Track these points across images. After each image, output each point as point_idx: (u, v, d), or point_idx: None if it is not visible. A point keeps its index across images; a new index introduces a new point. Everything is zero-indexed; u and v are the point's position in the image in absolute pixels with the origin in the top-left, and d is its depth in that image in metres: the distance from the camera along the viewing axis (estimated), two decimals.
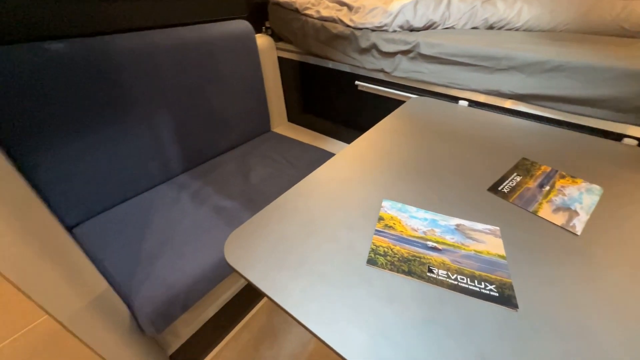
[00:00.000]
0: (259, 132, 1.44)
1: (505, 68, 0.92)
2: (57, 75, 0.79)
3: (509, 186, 0.62)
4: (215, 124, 1.24)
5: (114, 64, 0.89)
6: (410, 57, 1.08)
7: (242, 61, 1.26)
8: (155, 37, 0.99)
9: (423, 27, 1.12)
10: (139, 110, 0.98)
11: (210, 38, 1.13)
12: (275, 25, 1.44)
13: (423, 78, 1.08)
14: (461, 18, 1.09)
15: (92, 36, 0.88)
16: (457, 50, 0.98)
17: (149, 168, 1.06)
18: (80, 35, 0.86)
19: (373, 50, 1.16)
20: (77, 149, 0.87)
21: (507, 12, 1.07)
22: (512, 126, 0.87)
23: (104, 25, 0.92)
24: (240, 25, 1.24)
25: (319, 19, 1.27)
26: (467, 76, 0.99)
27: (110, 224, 0.93)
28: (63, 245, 0.62)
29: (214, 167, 1.21)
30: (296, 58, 1.43)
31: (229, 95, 1.25)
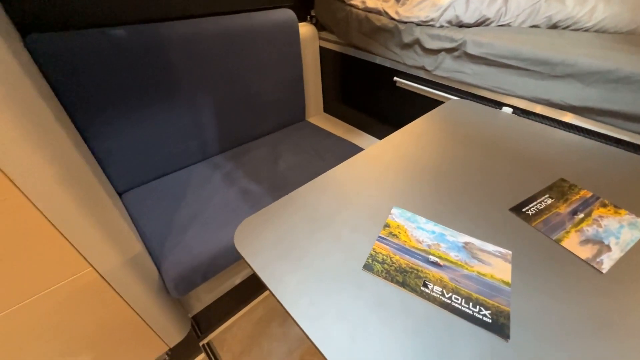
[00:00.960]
0: (293, 120, 1.48)
1: (561, 75, 0.83)
2: (117, 58, 0.89)
3: (536, 208, 0.58)
4: (252, 110, 1.29)
5: (165, 50, 0.97)
6: (454, 55, 1.02)
7: (283, 50, 1.28)
8: (203, 25, 1.05)
9: (474, 23, 1.03)
10: (184, 93, 1.06)
11: (254, 27, 1.17)
12: (320, 14, 1.43)
13: (466, 79, 1.02)
14: (520, 15, 0.99)
15: (147, 23, 0.96)
16: (507, 52, 0.90)
17: (190, 147, 1.16)
18: (138, 22, 0.95)
19: (416, 46, 1.10)
20: (130, 125, 0.98)
21: (576, 10, 0.94)
22: (558, 140, 0.79)
23: (159, 13, 1.00)
24: (285, 15, 1.26)
25: (363, 10, 1.23)
26: (515, 81, 0.91)
27: (152, 193, 1.05)
28: (112, 207, 0.72)
29: (247, 151, 1.27)
30: (337, 49, 1.42)
31: (268, 83, 1.29)
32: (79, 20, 0.87)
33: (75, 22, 0.87)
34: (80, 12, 0.87)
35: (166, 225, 0.93)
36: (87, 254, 0.60)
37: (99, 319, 0.70)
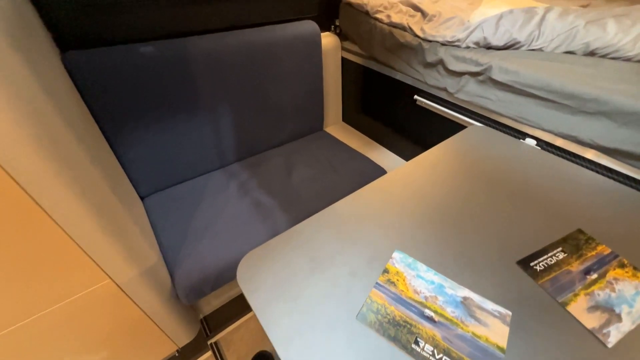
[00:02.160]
0: (311, 130, 1.49)
1: (592, 112, 0.78)
2: (144, 73, 0.94)
3: (545, 263, 0.55)
4: (271, 119, 1.31)
5: (189, 64, 1.01)
6: (479, 79, 0.98)
7: (304, 62, 1.29)
8: (226, 39, 1.08)
9: (503, 46, 0.98)
10: (205, 103, 1.10)
11: (276, 40, 1.18)
12: (344, 25, 1.42)
13: (489, 106, 0.98)
14: (554, 40, 0.93)
15: (173, 38, 1.00)
16: (535, 82, 0.85)
17: (208, 155, 1.20)
18: (165, 37, 0.99)
19: (439, 66, 1.07)
20: (154, 133, 1.03)
21: (618, 37, 0.87)
22: (581, 182, 0.75)
23: (184, 28, 1.04)
24: (308, 27, 1.26)
25: (388, 25, 1.21)
26: (542, 112, 0.87)
27: (171, 199, 1.10)
28: (130, 220, 0.77)
29: (263, 161, 1.30)
30: (359, 62, 1.40)
31: (287, 93, 1.31)
32: (112, 36, 0.92)
33: (108, 39, 0.92)
34: (113, 29, 0.92)
35: (181, 234, 0.97)
36: (106, 267, 0.65)
37: (113, 322, 0.76)
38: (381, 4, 1.25)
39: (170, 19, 1.01)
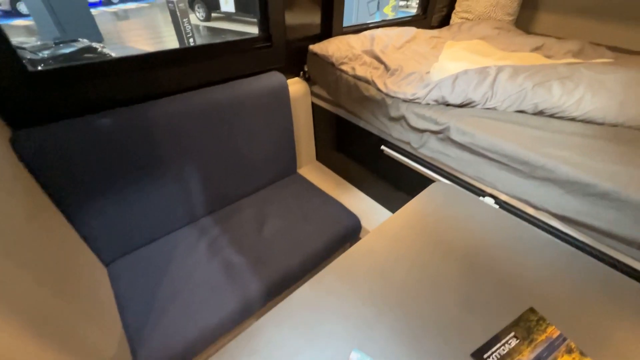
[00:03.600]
0: (284, 174, 1.49)
1: (541, 178, 0.82)
2: (103, 144, 0.91)
3: (498, 354, 0.57)
4: (241, 170, 1.30)
5: (152, 128, 0.99)
6: (439, 137, 1.02)
7: (273, 113, 1.30)
8: (189, 100, 1.07)
9: (460, 104, 1.03)
10: (171, 165, 1.08)
11: (242, 95, 1.18)
12: (312, 72, 1.44)
13: (450, 163, 1.01)
14: (505, 100, 0.98)
15: (134, 104, 0.98)
16: (490, 146, 0.89)
17: (176, 213, 1.17)
18: (124, 104, 0.97)
19: (402, 121, 1.11)
20: (116, 202, 1.00)
21: (563, 99, 0.93)
22: (537, 248, 0.78)
23: (144, 93, 1.02)
24: (274, 79, 1.27)
25: (353, 77, 1.24)
26: (498, 174, 0.91)
27: (138, 264, 1.07)
28: (93, 299, 0.73)
29: (235, 212, 1.28)
30: (329, 108, 1.42)
31: (257, 143, 1.30)
32: (66, 109, 0.90)
33: (61, 112, 0.89)
34: (67, 101, 0.90)
35: (147, 305, 0.94)
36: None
37: None
38: (346, 55, 1.28)
39: (130, 85, 0.99)
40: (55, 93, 0.87)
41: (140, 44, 7.55)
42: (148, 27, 9.17)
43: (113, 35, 8.08)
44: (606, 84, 0.92)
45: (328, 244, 1.18)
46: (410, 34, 1.55)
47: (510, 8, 1.88)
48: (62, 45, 4.42)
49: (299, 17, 1.35)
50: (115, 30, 8.62)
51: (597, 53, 1.52)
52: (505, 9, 1.88)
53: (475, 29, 1.81)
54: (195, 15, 9.26)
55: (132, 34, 8.56)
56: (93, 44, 4.61)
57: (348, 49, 1.32)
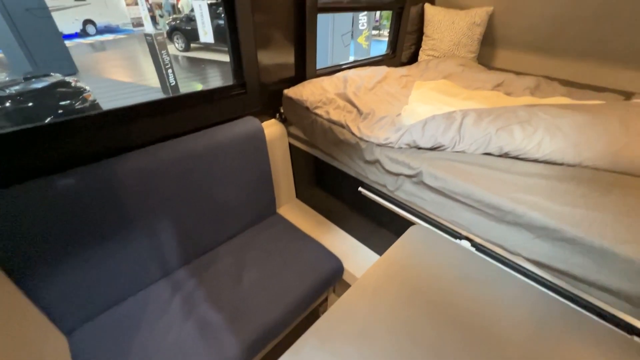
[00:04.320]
0: (263, 216, 1.46)
1: (512, 223, 0.84)
2: (62, 209, 0.86)
3: None
4: (217, 216, 1.27)
5: (119, 185, 0.95)
6: (413, 181, 1.04)
7: (250, 158, 1.29)
8: (162, 151, 1.05)
9: (430, 148, 1.06)
10: (141, 220, 1.03)
11: (217, 143, 1.17)
12: (288, 114, 1.46)
13: (425, 206, 1.03)
14: (472, 144, 1.02)
15: (100, 160, 0.94)
16: (461, 190, 0.92)
17: (147, 269, 1.11)
18: (89, 161, 0.93)
19: (377, 164, 1.12)
20: (75, 264, 0.93)
21: (524, 143, 0.98)
22: (514, 293, 0.78)
23: (111, 148, 0.99)
24: (250, 124, 1.27)
25: (327, 121, 1.27)
26: (471, 218, 0.93)
27: (104, 329, 0.98)
28: None
29: (213, 261, 1.23)
30: (306, 149, 1.43)
31: (234, 189, 1.28)
32: (22, 171, 0.85)
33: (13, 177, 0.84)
34: (19, 164, 0.85)
35: None
36: None
37: None
38: (320, 99, 1.31)
39: (96, 141, 0.96)
40: (6, 156, 0.82)
41: (117, 75, 7.49)
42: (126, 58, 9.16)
43: (89, 67, 7.99)
44: (562, 127, 0.98)
45: (310, 291, 1.15)
46: (382, 74, 1.63)
47: (471, 46, 2.02)
48: (33, 80, 4.30)
49: (273, 61, 1.39)
50: (91, 62, 8.54)
51: (551, 88, 1.64)
52: (467, 47, 2.03)
53: (441, 66, 1.93)
54: (175, 45, 9.38)
55: (109, 65, 8.51)
56: (66, 78, 4.52)
57: (322, 92, 1.36)
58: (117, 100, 5.76)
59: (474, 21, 1.95)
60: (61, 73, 4.76)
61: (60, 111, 4.17)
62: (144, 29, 6.88)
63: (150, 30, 6.00)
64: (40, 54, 6.50)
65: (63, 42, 6.94)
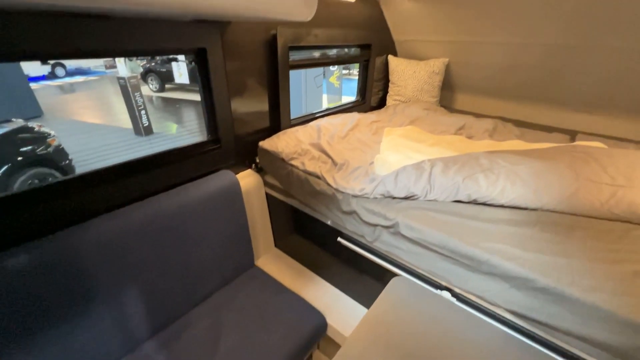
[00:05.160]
0: (240, 270, 1.39)
1: (487, 272, 0.86)
2: (15, 290, 0.77)
3: None
4: (191, 277, 1.19)
5: (80, 258, 0.88)
6: (390, 232, 1.05)
7: (225, 211, 1.26)
8: (130, 214, 1.00)
9: (404, 197, 1.10)
10: (103, 293, 0.95)
11: (191, 200, 1.14)
12: (264, 165, 1.47)
13: (404, 257, 1.04)
14: (443, 192, 1.07)
15: (57, 231, 0.87)
16: (437, 241, 0.94)
17: (109, 345, 0.99)
18: (46, 233, 0.86)
19: (354, 214, 1.14)
20: (27, 350, 0.82)
21: (489, 190, 1.05)
22: (493, 345, 0.78)
23: (73, 216, 0.92)
24: (225, 178, 1.26)
25: (303, 172, 1.28)
26: (449, 268, 0.94)
27: None
28: None
29: (185, 328, 1.13)
30: (283, 199, 1.43)
31: (208, 245, 1.23)
32: None
33: None
34: None
35: None
36: None
37: None
38: (295, 150, 1.34)
39: (52, 211, 0.89)
40: None
41: (87, 117, 7.29)
42: (96, 99, 9.00)
43: (56, 109, 7.74)
44: (520, 174, 1.06)
45: (294, 353, 1.07)
46: (353, 122, 1.71)
47: (432, 92, 2.20)
48: None
49: (248, 112, 1.42)
50: (59, 105, 8.29)
51: (507, 130, 1.80)
52: (429, 92, 2.20)
53: (407, 110, 2.06)
54: (149, 86, 9.39)
55: (78, 107, 8.28)
56: (29, 123, 4.33)
57: (297, 143, 1.39)
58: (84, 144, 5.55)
59: (433, 70, 2.14)
60: (24, 117, 4.56)
61: (20, 158, 3.93)
62: (116, 71, 6.87)
63: (124, 73, 6.00)
64: (3, 98, 6.23)
65: (28, 85, 6.73)
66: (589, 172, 1.05)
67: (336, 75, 7.04)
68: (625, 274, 0.78)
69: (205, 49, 1.09)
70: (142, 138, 6.08)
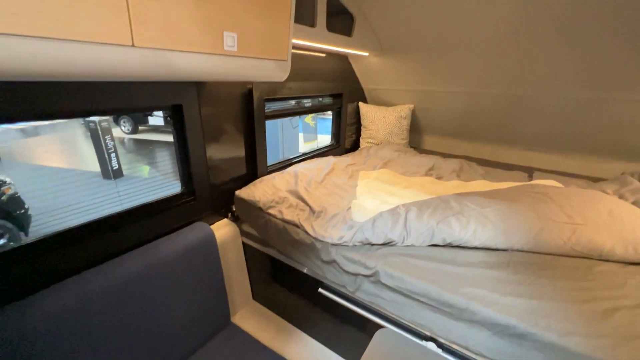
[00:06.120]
0: (216, 329, 1.29)
1: (469, 320, 0.86)
2: None
3: None
4: (161, 342, 1.08)
5: (31, 334, 0.78)
6: (371, 280, 1.04)
7: (199, 266, 1.19)
8: (89, 281, 0.90)
9: (382, 244, 1.11)
10: None
11: (163, 258, 1.07)
12: (241, 214, 1.44)
13: (386, 307, 1.02)
14: (419, 237, 1.10)
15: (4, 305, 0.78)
16: (418, 289, 0.93)
17: None
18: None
19: (334, 264, 1.12)
20: None
21: (462, 233, 1.09)
22: None
23: (20, 287, 0.83)
24: (199, 230, 1.21)
25: (281, 220, 1.27)
26: (432, 318, 0.93)
27: None
28: None
29: None
30: (261, 248, 1.39)
31: (180, 305, 1.13)
32: None
33: None
34: None
35: None
36: None
37: None
38: (272, 199, 1.34)
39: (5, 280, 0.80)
40: None
41: (50, 161, 6.89)
42: (63, 143, 8.60)
43: (16, 154, 7.28)
44: (489, 217, 1.12)
45: None
46: (329, 166, 1.75)
47: (402, 135, 2.35)
48: None
49: (224, 159, 1.41)
50: (19, 148, 7.82)
51: (472, 170, 1.92)
52: (398, 135, 2.34)
53: (380, 152, 2.17)
54: (121, 128, 9.20)
55: (42, 151, 7.84)
56: None
57: (274, 191, 1.39)
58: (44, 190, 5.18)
59: (401, 115, 2.30)
60: None
61: None
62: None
63: (94, 117, 5.87)
64: None
65: None
66: (549, 212, 1.13)
67: (311, 116, 7.36)
68: (595, 313, 0.81)
69: (181, 105, 1.11)
70: (110, 182, 5.81)
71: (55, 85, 0.79)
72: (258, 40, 0.86)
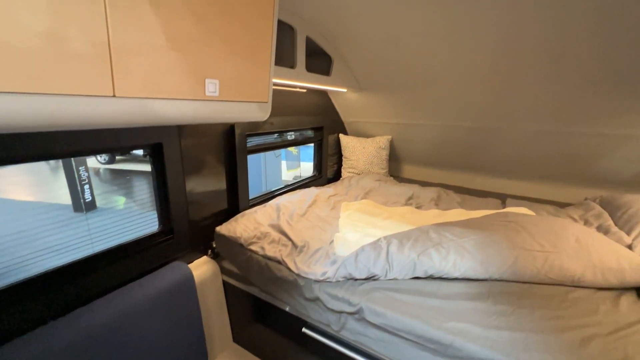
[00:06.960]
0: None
1: (454, 356, 0.85)
2: None
3: None
4: None
5: None
6: (356, 318, 1.02)
7: (176, 308, 1.12)
8: (52, 334, 0.83)
9: (365, 278, 1.11)
10: None
11: (135, 304, 1.01)
12: (222, 251, 1.40)
13: (372, 346, 1.00)
14: (401, 270, 1.11)
15: None
16: (402, 326, 0.93)
17: None
18: None
19: (318, 301, 1.09)
20: None
21: (442, 265, 1.11)
22: None
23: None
24: (177, 270, 1.16)
25: (263, 257, 1.24)
26: (418, 355, 0.92)
27: None
28: None
29: None
30: (242, 287, 1.34)
31: (152, 353, 1.05)
32: None
33: None
34: None
35: None
36: None
37: None
38: (254, 235, 1.32)
39: None
40: None
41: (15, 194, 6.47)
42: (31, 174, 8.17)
43: None
44: (467, 247, 1.15)
45: None
46: (312, 198, 1.77)
47: (381, 164, 2.43)
48: None
49: (205, 194, 1.38)
50: None
51: (449, 198, 2.00)
52: (378, 165, 2.42)
53: (362, 182, 2.22)
54: (96, 159, 8.90)
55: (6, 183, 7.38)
56: None
57: (256, 226, 1.37)
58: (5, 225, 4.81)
59: (380, 146, 2.40)
60: None
61: None
62: None
63: None
64: None
65: None
66: (521, 241, 1.18)
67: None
68: (574, 342, 0.83)
69: (161, 143, 1.11)
70: (82, 215, 5.50)
71: (35, 133, 0.77)
72: (239, 84, 0.89)
